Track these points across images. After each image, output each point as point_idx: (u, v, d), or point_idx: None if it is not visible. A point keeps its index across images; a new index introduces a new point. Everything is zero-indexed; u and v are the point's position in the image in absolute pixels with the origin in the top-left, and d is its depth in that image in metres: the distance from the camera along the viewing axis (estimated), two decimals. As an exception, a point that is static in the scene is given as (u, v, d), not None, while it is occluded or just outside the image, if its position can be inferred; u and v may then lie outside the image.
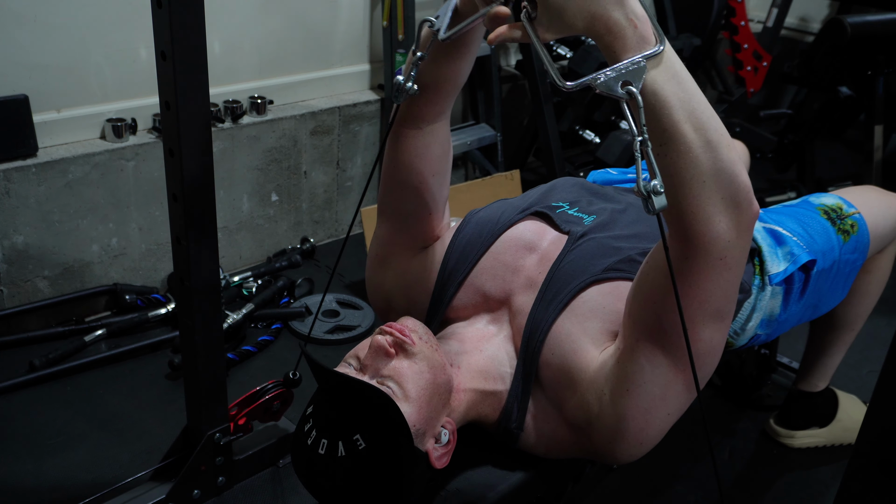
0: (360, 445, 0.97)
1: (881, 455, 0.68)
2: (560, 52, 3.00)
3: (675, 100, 0.86)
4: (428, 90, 1.14)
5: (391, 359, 1.05)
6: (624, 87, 0.82)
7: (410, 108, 1.17)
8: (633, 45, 0.84)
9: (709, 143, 0.87)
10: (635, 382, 1.02)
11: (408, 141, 1.19)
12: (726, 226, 0.90)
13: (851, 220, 1.49)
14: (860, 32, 2.68)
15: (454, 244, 1.25)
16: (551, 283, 1.14)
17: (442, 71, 1.14)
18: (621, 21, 0.83)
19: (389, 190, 1.24)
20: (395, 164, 1.22)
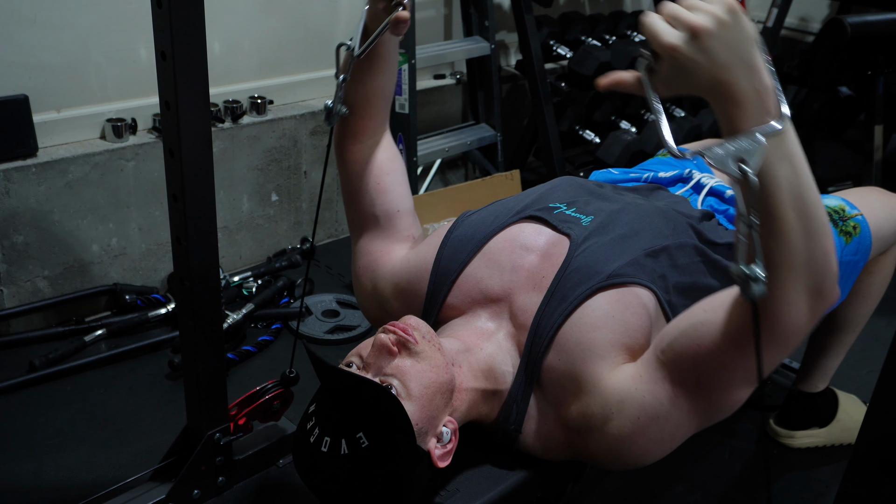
0: (364, 443, 0.97)
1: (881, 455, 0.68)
2: (560, 52, 3.00)
3: (785, 182, 0.82)
4: (359, 108, 1.25)
5: (394, 357, 1.05)
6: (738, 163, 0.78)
7: (349, 127, 1.27)
8: (754, 117, 0.80)
9: (808, 231, 0.84)
10: (649, 415, 1.03)
11: (354, 156, 1.29)
12: (804, 312, 0.89)
13: (854, 222, 1.49)
14: (860, 32, 2.68)
15: (446, 243, 1.24)
16: (558, 288, 1.13)
17: (368, 88, 1.23)
18: (747, 91, 0.80)
19: (352, 202, 1.32)
20: (348, 178, 1.30)
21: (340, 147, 1.30)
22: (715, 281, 1.27)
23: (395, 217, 1.30)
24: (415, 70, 2.58)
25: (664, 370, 1.02)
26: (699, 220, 1.33)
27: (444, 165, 3.05)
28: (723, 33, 0.80)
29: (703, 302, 1.02)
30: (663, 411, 1.02)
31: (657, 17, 0.82)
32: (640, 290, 1.14)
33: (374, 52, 1.19)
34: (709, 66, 0.80)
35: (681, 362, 1.00)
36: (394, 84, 1.29)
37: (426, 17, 2.88)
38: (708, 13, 0.80)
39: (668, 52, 0.81)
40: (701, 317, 0.99)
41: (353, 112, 1.25)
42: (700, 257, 1.26)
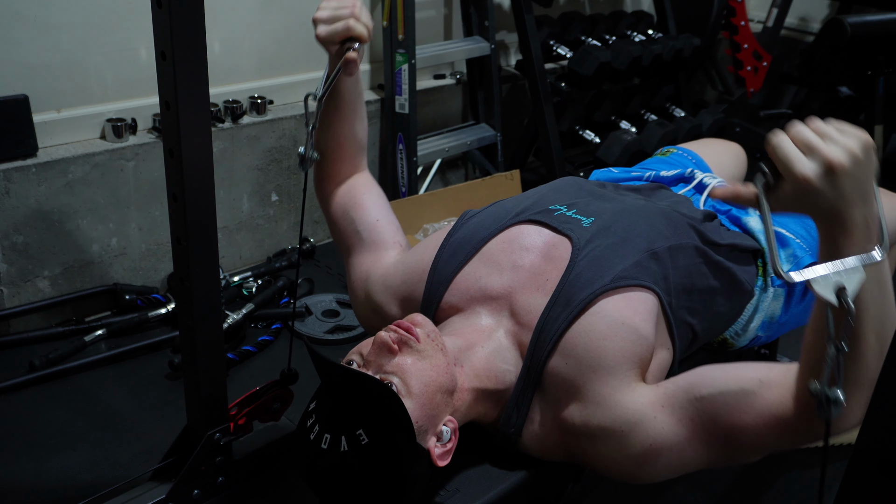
0: (363, 440, 0.97)
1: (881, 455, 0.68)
2: (560, 52, 3.00)
3: (872, 308, 0.84)
4: (332, 152, 1.33)
5: (395, 355, 1.05)
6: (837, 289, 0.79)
7: (325, 171, 1.36)
8: (858, 246, 0.82)
9: (883, 352, 0.86)
10: (662, 445, 1.04)
11: (333, 197, 1.37)
12: (857, 417, 0.91)
13: None
14: (860, 32, 2.68)
15: (446, 244, 1.25)
16: (562, 292, 1.13)
17: (338, 133, 1.31)
18: (858, 221, 0.81)
19: (336, 229, 1.38)
20: (330, 214, 1.38)
21: (319, 189, 1.39)
22: (716, 282, 1.27)
23: (376, 227, 1.33)
24: (415, 70, 2.59)
25: (693, 415, 1.02)
26: (701, 221, 1.33)
27: (444, 165, 3.05)
28: (855, 170, 0.80)
29: (758, 370, 1.02)
30: (677, 447, 1.03)
31: (789, 142, 0.82)
32: (645, 294, 1.14)
33: (338, 97, 1.26)
34: (832, 198, 0.81)
35: (717, 419, 1.01)
36: (365, 129, 1.36)
37: (426, 17, 2.88)
38: (845, 149, 0.80)
39: (798, 182, 0.81)
40: (755, 387, 0.99)
41: (327, 157, 1.33)
42: (701, 258, 1.26)
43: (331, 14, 1.17)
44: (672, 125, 2.97)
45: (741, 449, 1.02)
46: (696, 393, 1.02)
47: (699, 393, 1.02)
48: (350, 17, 1.16)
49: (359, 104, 1.31)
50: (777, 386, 0.98)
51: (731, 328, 1.38)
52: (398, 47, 2.57)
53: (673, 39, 3.13)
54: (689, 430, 1.02)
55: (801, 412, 0.95)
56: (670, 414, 1.03)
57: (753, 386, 0.99)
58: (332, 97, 1.25)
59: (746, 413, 0.98)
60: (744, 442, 1.00)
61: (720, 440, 1.01)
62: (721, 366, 1.05)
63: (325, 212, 1.40)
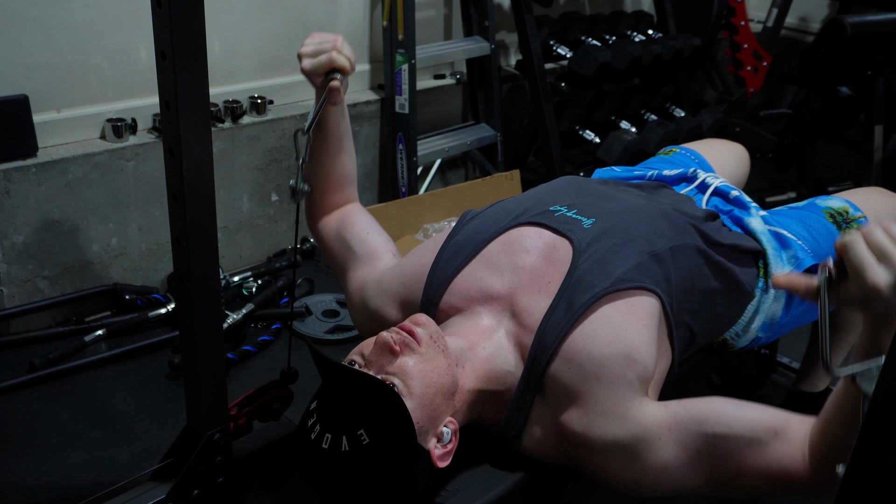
0: (364, 440, 0.97)
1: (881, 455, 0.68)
2: (560, 52, 3.00)
3: None
4: (322, 185, 1.39)
5: (396, 357, 1.05)
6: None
7: (316, 203, 1.42)
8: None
9: None
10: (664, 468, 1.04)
11: (324, 227, 1.43)
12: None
13: (857, 224, 1.49)
14: (860, 32, 2.68)
15: (447, 246, 1.25)
16: (564, 296, 1.13)
17: (328, 167, 1.37)
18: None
19: (331, 254, 1.43)
20: (322, 244, 1.44)
21: (310, 220, 1.45)
22: (717, 283, 1.27)
23: (367, 239, 1.37)
24: (415, 70, 2.58)
25: (701, 446, 1.02)
26: (703, 221, 1.33)
27: (444, 165, 3.05)
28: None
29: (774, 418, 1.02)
30: (677, 472, 1.04)
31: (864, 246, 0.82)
32: (646, 297, 1.14)
33: (325, 132, 1.32)
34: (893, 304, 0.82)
35: (724, 459, 1.01)
36: (353, 163, 1.42)
37: (426, 17, 2.88)
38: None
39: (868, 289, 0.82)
40: (769, 438, 1.00)
41: (318, 190, 1.39)
42: (703, 259, 1.26)
43: (314, 48, 1.24)
44: (672, 125, 2.97)
45: (740, 489, 1.03)
46: (708, 428, 1.02)
47: (711, 429, 1.02)
48: (332, 49, 1.23)
49: (345, 138, 1.36)
50: (791, 442, 0.99)
51: (731, 329, 1.38)
52: (398, 47, 2.57)
53: (673, 39, 3.13)
54: (692, 460, 1.03)
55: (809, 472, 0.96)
56: (676, 440, 1.04)
57: (768, 436, 1.00)
58: (319, 131, 1.32)
59: (755, 461, 1.00)
60: (745, 484, 1.02)
61: (721, 478, 1.03)
62: (737, 404, 1.05)
63: (318, 242, 1.45)
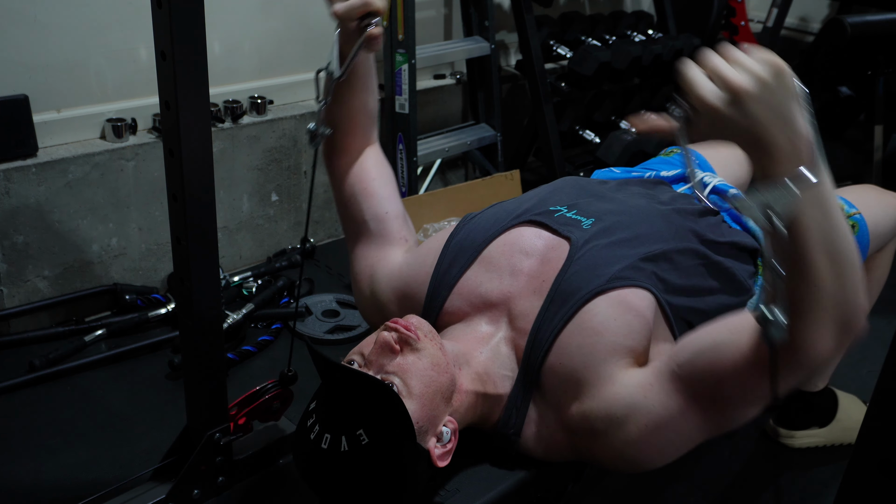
0: (364, 440, 0.97)
1: (881, 455, 0.68)
2: (560, 52, 3.00)
3: (816, 229, 0.83)
4: (343, 125, 1.29)
5: (396, 355, 1.05)
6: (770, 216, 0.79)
7: (338, 144, 1.32)
8: (786, 167, 0.80)
9: (839, 273, 0.85)
10: (657, 424, 1.03)
11: (342, 168, 1.34)
12: (831, 346, 0.89)
13: (852, 221, 1.49)
14: (860, 32, 2.68)
15: (448, 247, 1.25)
16: (558, 292, 1.13)
17: (350, 106, 1.28)
18: (781, 143, 0.80)
19: (343, 210, 1.35)
20: (338, 189, 1.35)
21: (328, 161, 1.35)
22: (715, 283, 1.27)
23: (384, 220, 1.32)
24: (415, 70, 2.58)
25: (679, 383, 1.02)
26: (701, 219, 1.33)
27: (444, 165, 3.05)
28: (765, 95, 0.79)
29: (728, 321, 1.01)
30: (673, 422, 1.03)
31: (698, 71, 0.81)
32: (640, 293, 1.14)
33: (352, 72, 1.22)
34: (745, 124, 0.80)
35: (699, 378, 1.00)
36: (376, 100, 1.34)
37: (426, 17, 2.88)
38: (753, 74, 0.79)
39: (707, 111, 0.80)
40: (725, 337, 0.99)
41: (339, 130, 1.29)
42: (700, 260, 1.26)
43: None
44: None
45: (731, 404, 1.00)
46: (676, 361, 1.03)
47: (679, 360, 1.02)
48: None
49: (370, 77, 1.28)
50: (746, 329, 0.97)
51: None
52: (398, 47, 2.57)
53: (673, 39, 3.13)
54: (679, 401, 1.02)
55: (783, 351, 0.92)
56: (659, 390, 1.03)
57: (724, 336, 0.99)
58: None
59: (723, 363, 0.98)
60: (730, 395, 0.99)
61: (709, 401, 1.01)
62: (697, 330, 1.05)
63: (333, 187, 1.36)
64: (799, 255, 0.84)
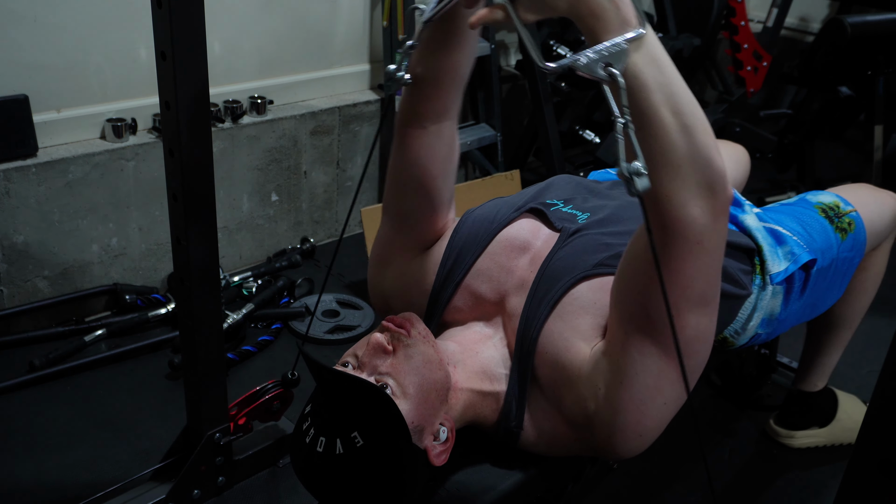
0: (358, 443, 0.97)
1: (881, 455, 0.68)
2: (560, 52, 3.00)
3: (653, 83, 0.86)
4: (426, 84, 1.11)
5: (389, 356, 1.05)
6: (605, 68, 0.83)
7: (413, 107, 1.14)
8: (614, 26, 0.84)
9: (685, 128, 0.88)
10: (627, 374, 1.02)
11: (412, 141, 1.16)
12: (701, 210, 0.91)
13: (849, 219, 1.49)
14: (860, 32, 2.68)
15: (452, 245, 1.24)
16: (541, 281, 1.13)
17: (438, 63, 1.10)
18: (604, 3, 0.84)
19: (393, 189, 1.23)
20: (399, 164, 1.19)
21: (401, 128, 1.17)
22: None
23: (427, 219, 1.24)
24: (415, 70, 2.58)
25: (623, 325, 1.02)
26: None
27: (444, 165, 3.05)
28: None
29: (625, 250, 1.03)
30: (637, 365, 1.01)
31: None
32: None
33: (449, 25, 1.06)
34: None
35: (629, 308, 1.01)
36: (470, 66, 1.15)
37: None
38: None
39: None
40: (625, 258, 1.01)
41: (419, 90, 1.12)
42: None
43: None
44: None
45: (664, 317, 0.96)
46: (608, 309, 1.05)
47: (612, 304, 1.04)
48: None
49: (472, 39, 1.12)
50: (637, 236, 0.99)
51: (730, 327, 1.39)
52: (398, 47, 2.56)
53: (673, 39, 3.13)
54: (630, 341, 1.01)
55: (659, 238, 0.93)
56: (612, 343, 1.04)
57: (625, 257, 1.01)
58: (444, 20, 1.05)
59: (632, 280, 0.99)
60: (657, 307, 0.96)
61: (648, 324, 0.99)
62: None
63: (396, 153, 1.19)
64: (643, 111, 0.87)
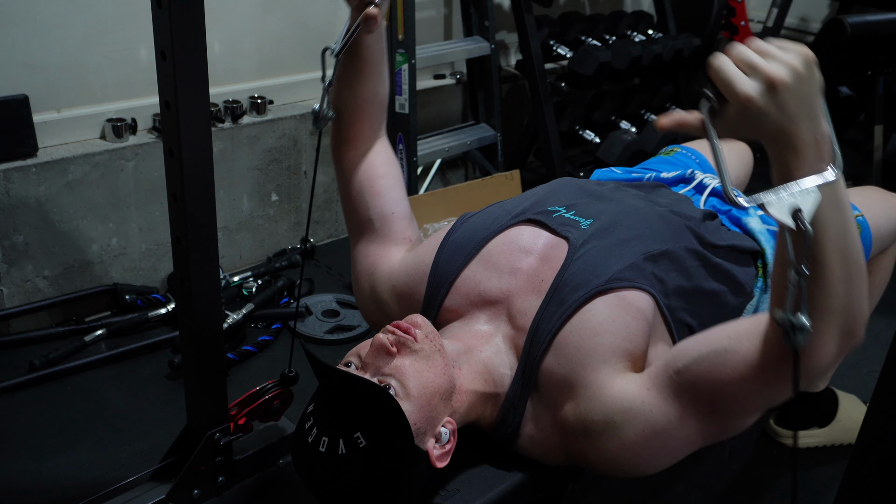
0: (361, 443, 0.96)
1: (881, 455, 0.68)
2: (560, 52, 3.00)
3: (833, 230, 0.83)
4: (351, 113, 1.26)
5: (393, 358, 1.05)
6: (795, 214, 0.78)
7: (342, 135, 1.28)
8: (809, 164, 0.80)
9: (849, 278, 0.85)
10: (654, 429, 1.02)
11: (349, 162, 1.30)
12: (832, 352, 0.89)
13: (855, 223, 1.49)
14: (860, 32, 2.68)
15: (445, 246, 1.24)
16: (556, 291, 1.13)
17: (357, 93, 1.24)
18: (808, 140, 0.80)
19: (349, 206, 1.33)
20: (344, 182, 1.32)
21: (336, 153, 1.31)
22: (715, 285, 1.27)
23: (390, 220, 1.30)
24: (415, 70, 2.58)
25: (677, 389, 1.01)
26: (701, 222, 1.33)
27: (444, 165, 3.05)
28: (798, 87, 0.79)
29: (726, 328, 1.01)
30: (670, 428, 1.02)
31: (730, 63, 0.81)
32: (639, 294, 1.14)
33: (359, 56, 1.20)
34: (777, 117, 0.79)
35: (698, 386, 0.99)
36: (387, 90, 1.29)
37: (426, 17, 2.88)
38: (786, 65, 0.79)
39: (741, 102, 0.80)
40: (725, 344, 0.98)
41: (345, 118, 1.26)
42: (699, 261, 1.26)
43: None
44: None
45: (730, 411, 1.00)
46: (674, 367, 1.02)
47: (677, 366, 1.01)
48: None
49: (380, 64, 1.24)
50: (747, 336, 0.96)
51: None
52: (398, 47, 2.57)
53: (673, 39, 3.13)
54: (677, 407, 1.01)
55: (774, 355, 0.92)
56: (656, 395, 1.02)
57: (724, 343, 0.98)
58: (352, 55, 1.18)
59: (723, 371, 0.97)
60: (729, 402, 0.98)
61: (707, 408, 1.00)
62: (695, 335, 1.04)
63: (339, 182, 1.33)
64: (815, 257, 0.83)
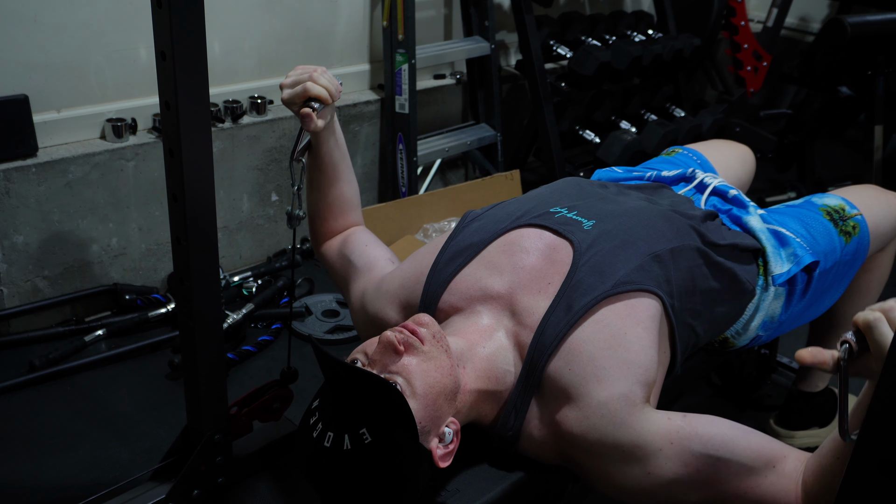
0: (367, 439, 0.96)
1: (881, 455, 0.68)
2: (560, 52, 3.00)
3: None
4: (323, 213, 1.43)
5: (399, 356, 1.05)
6: None
7: (317, 230, 1.46)
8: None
9: None
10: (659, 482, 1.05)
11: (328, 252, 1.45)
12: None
13: (853, 222, 1.49)
14: (860, 32, 2.68)
15: (446, 249, 1.25)
16: (564, 297, 1.13)
17: (326, 195, 1.41)
18: None
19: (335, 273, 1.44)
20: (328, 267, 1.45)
21: (316, 250, 1.48)
22: (717, 283, 1.27)
23: (366, 251, 1.38)
24: (415, 70, 2.59)
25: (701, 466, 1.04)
26: (702, 221, 1.33)
27: (444, 165, 3.05)
28: None
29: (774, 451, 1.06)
30: (672, 487, 1.04)
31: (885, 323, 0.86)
32: (647, 299, 1.14)
33: (320, 161, 1.35)
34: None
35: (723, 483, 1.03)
36: (354, 189, 1.43)
37: (426, 17, 2.88)
38: None
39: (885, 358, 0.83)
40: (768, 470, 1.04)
41: (319, 218, 1.43)
42: (702, 260, 1.26)
43: (293, 79, 1.28)
44: (672, 125, 2.97)
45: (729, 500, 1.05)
46: (711, 449, 1.04)
47: (714, 451, 1.04)
48: (308, 79, 1.27)
49: (341, 166, 1.38)
50: (787, 476, 1.02)
51: (732, 327, 1.39)
52: (398, 47, 2.57)
53: (673, 39, 3.13)
54: (690, 478, 1.04)
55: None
56: (677, 454, 1.04)
57: (766, 467, 1.04)
58: (315, 160, 1.35)
59: (751, 490, 1.02)
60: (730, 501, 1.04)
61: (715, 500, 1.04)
62: (742, 430, 1.07)
63: (324, 265, 1.46)
64: None
